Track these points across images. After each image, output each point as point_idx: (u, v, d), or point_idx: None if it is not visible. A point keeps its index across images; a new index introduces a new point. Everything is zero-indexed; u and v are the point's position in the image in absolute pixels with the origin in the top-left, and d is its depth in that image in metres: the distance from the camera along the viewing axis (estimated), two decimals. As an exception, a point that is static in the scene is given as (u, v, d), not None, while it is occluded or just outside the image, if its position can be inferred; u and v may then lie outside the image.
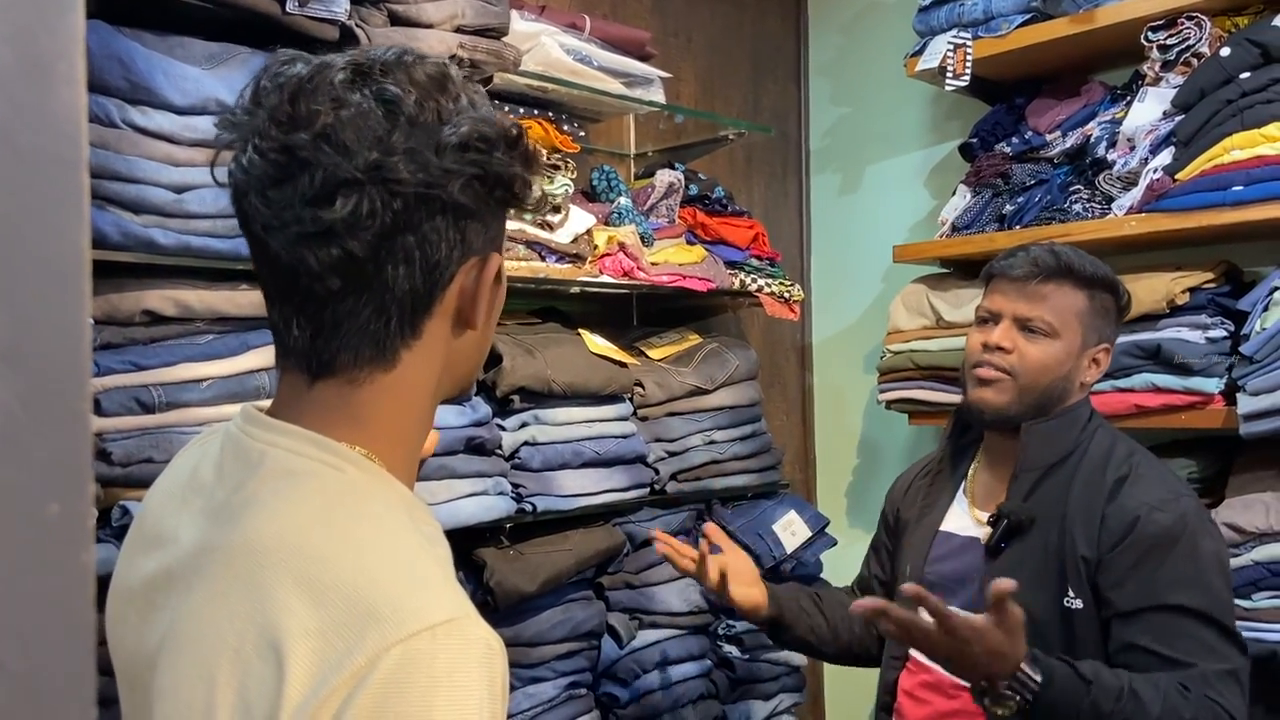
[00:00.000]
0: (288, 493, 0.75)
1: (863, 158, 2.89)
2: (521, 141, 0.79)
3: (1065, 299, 1.52)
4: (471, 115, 0.77)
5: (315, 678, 0.66)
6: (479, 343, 0.85)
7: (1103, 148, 2.13)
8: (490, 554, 1.80)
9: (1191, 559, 1.41)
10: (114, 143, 1.37)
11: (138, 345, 1.44)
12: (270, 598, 0.70)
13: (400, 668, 0.66)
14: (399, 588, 0.69)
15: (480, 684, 0.68)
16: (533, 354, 1.89)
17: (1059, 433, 1.53)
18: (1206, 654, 1.38)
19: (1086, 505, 1.46)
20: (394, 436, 0.81)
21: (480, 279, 0.80)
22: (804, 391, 2.98)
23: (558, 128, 2.03)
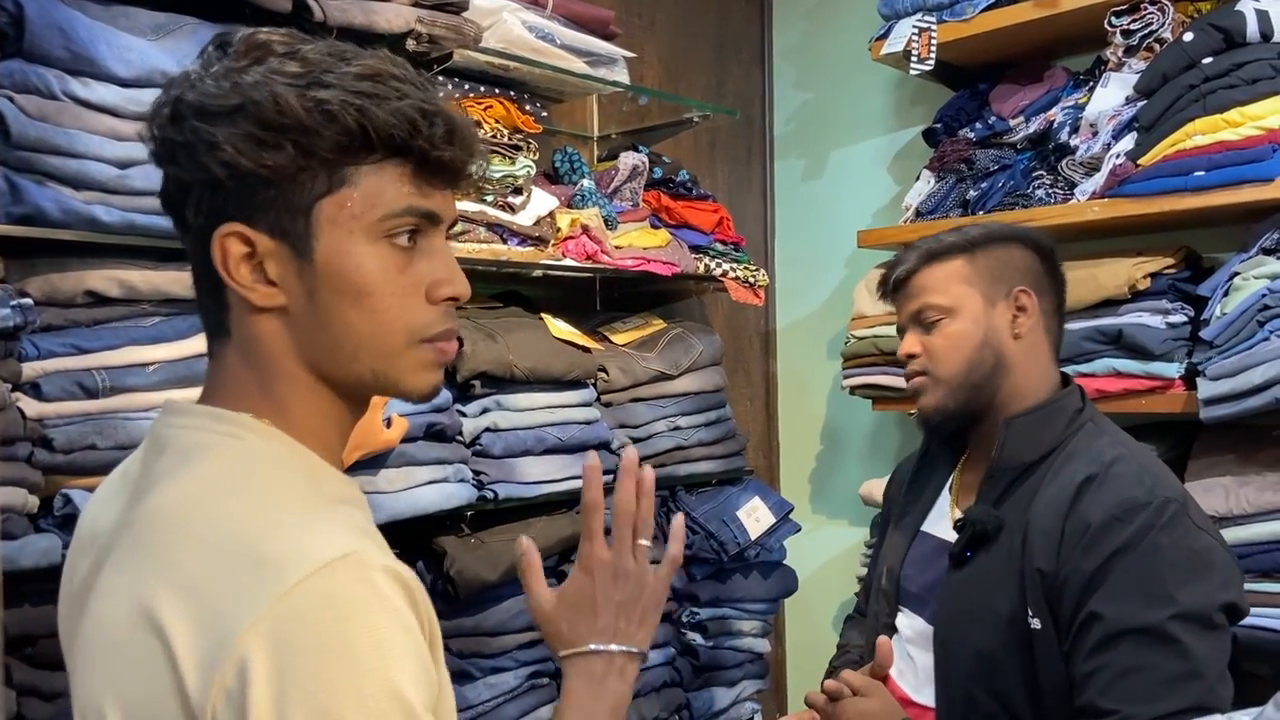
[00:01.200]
0: (188, 465, 0.77)
1: (827, 142, 2.87)
2: (258, 106, 0.74)
3: (940, 276, 1.46)
4: (211, 80, 0.76)
5: (214, 634, 0.67)
6: (328, 326, 0.79)
7: (1065, 133, 2.13)
8: (451, 542, 1.76)
9: (1144, 564, 1.25)
10: (54, 115, 1.31)
11: (80, 327, 1.39)
12: (164, 562, 0.72)
13: (305, 608, 0.67)
14: (290, 535, 0.71)
15: (390, 609, 0.69)
16: (494, 338, 1.85)
17: (1042, 427, 1.40)
18: (1135, 696, 1.21)
19: (1050, 513, 1.32)
20: (276, 403, 0.80)
21: (219, 257, 0.77)
22: (768, 377, 2.96)
23: (519, 107, 1.98)
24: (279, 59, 0.76)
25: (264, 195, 0.76)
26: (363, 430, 1.57)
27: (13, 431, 1.28)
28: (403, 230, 0.79)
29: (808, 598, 2.77)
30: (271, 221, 0.76)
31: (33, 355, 1.33)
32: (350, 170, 0.76)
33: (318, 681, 0.65)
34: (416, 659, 0.70)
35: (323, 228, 0.77)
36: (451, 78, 1.88)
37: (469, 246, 1.85)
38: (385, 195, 0.77)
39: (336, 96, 0.74)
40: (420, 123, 0.76)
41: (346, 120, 0.74)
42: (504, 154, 1.93)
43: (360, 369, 0.80)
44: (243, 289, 0.78)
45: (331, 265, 0.77)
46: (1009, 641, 1.32)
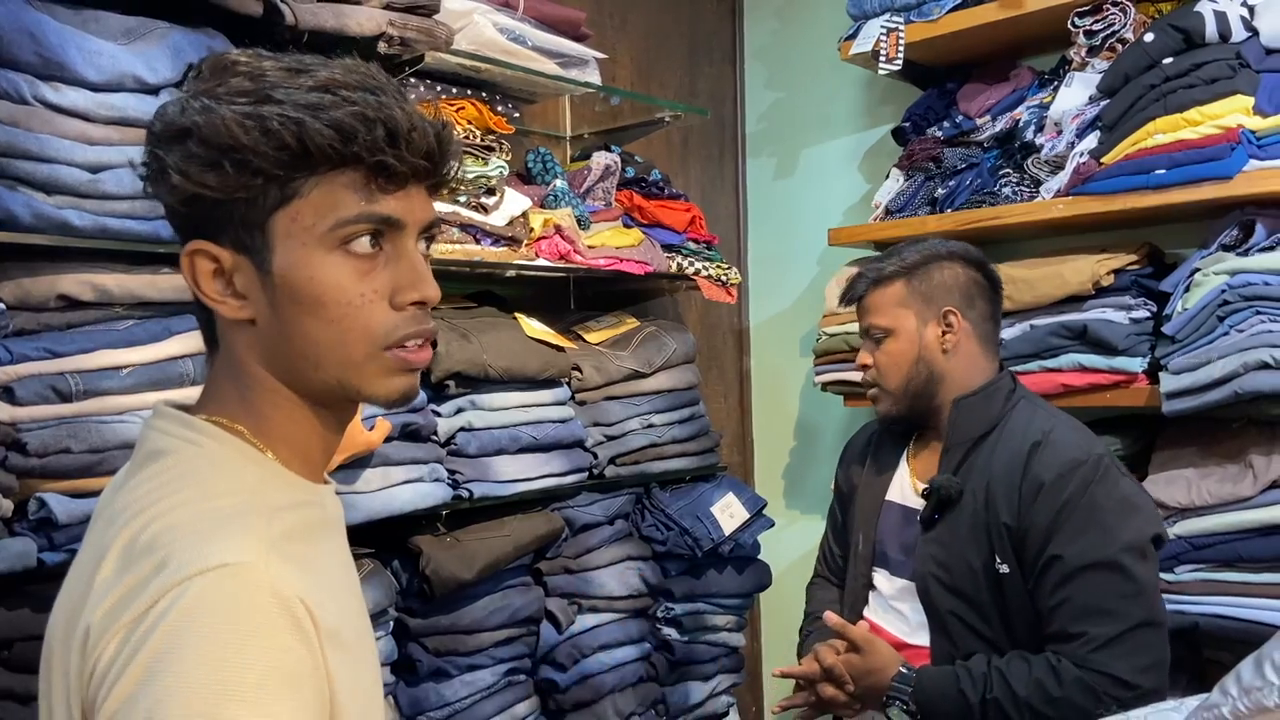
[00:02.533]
0: (148, 469, 0.80)
1: (798, 141, 2.90)
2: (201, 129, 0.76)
3: (883, 298, 1.68)
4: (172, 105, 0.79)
5: (107, 622, 0.71)
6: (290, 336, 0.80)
7: (1031, 132, 2.17)
8: (426, 541, 1.77)
9: (1089, 511, 1.48)
10: (24, 120, 1.31)
11: (53, 331, 1.39)
12: (97, 562, 0.76)
13: (174, 609, 0.69)
14: (194, 539, 0.73)
15: (249, 634, 0.70)
16: (468, 338, 1.86)
17: (983, 406, 1.62)
18: (1099, 619, 1.43)
19: (1006, 474, 1.54)
20: (252, 413, 0.83)
21: (187, 274, 0.81)
22: (741, 374, 2.99)
23: (491, 108, 1.99)
24: (239, 78, 0.77)
25: (220, 213, 0.78)
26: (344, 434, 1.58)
27: (-14, 436, 1.28)
28: (358, 237, 0.79)
29: (782, 592, 2.79)
30: (233, 237, 0.79)
31: (5, 359, 1.33)
32: (299, 183, 0.77)
33: (175, 674, 0.67)
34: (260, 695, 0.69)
35: (278, 240, 0.78)
36: (424, 79, 1.89)
37: (442, 247, 1.86)
38: (336, 204, 0.78)
39: (277, 112, 0.75)
40: (359, 129, 0.76)
41: (284, 136, 0.75)
42: (476, 155, 1.94)
43: (325, 377, 0.81)
44: (213, 303, 0.81)
45: (287, 277, 0.78)
46: (982, 586, 1.54)
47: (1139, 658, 1.42)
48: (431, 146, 0.81)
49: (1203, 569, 1.87)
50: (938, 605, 1.59)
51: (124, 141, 1.41)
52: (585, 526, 2.04)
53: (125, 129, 1.41)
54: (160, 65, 1.45)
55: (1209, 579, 1.86)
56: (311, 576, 0.76)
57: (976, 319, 1.66)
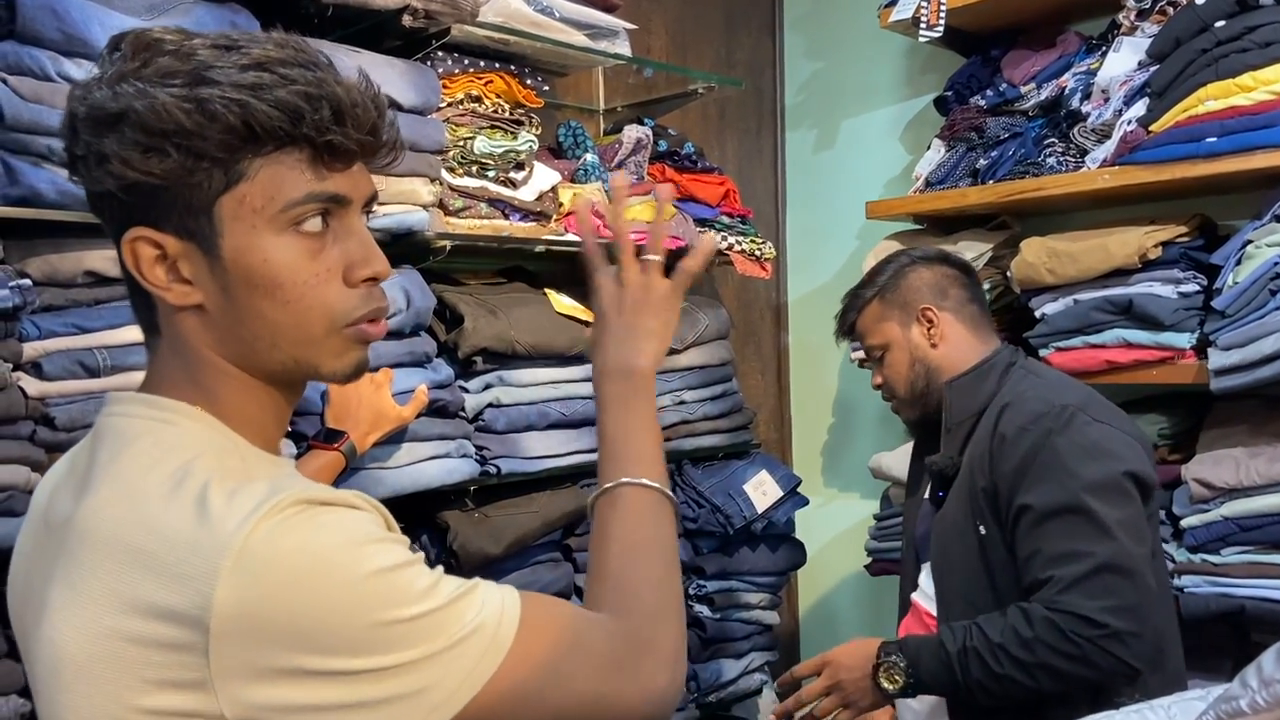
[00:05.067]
0: (123, 453, 0.77)
1: (839, 112, 2.84)
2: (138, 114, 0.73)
3: (868, 320, 1.77)
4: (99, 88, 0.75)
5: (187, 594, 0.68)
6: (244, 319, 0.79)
7: (1077, 99, 2.09)
8: (454, 517, 1.77)
9: (1050, 459, 1.49)
10: (48, 97, 1.32)
11: (81, 307, 1.40)
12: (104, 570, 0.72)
13: (267, 557, 0.69)
14: (222, 505, 0.71)
15: (347, 513, 0.72)
16: (496, 314, 1.85)
17: (976, 385, 1.67)
18: (1063, 561, 1.44)
19: (982, 440, 1.60)
20: (205, 392, 0.81)
21: (130, 262, 0.78)
22: (779, 350, 2.95)
23: (520, 82, 1.97)
24: (166, 58, 0.75)
25: (163, 199, 0.75)
26: (374, 412, 1.58)
27: (15, 410, 1.30)
28: (308, 217, 0.78)
29: (820, 569, 2.77)
30: (177, 223, 0.76)
31: (34, 335, 1.35)
32: (244, 165, 0.76)
33: (306, 604, 0.68)
34: (383, 535, 0.74)
35: (226, 224, 0.76)
36: (451, 53, 1.87)
37: (470, 223, 1.85)
38: (283, 185, 0.77)
39: (217, 94, 0.73)
40: (304, 108, 0.75)
41: (228, 118, 0.73)
42: (505, 129, 1.92)
43: (281, 357, 0.81)
44: (158, 290, 0.78)
45: (239, 261, 0.77)
46: (970, 551, 1.59)
47: (1106, 598, 1.40)
48: (374, 121, 0.79)
49: (1250, 551, 1.81)
50: (939, 578, 1.65)
51: (147, 118, 1.41)
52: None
53: (149, 105, 1.41)
54: (184, 41, 1.45)
55: (1257, 561, 1.80)
56: None
57: (954, 306, 1.72)
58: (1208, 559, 1.83)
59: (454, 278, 1.97)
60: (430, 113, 1.77)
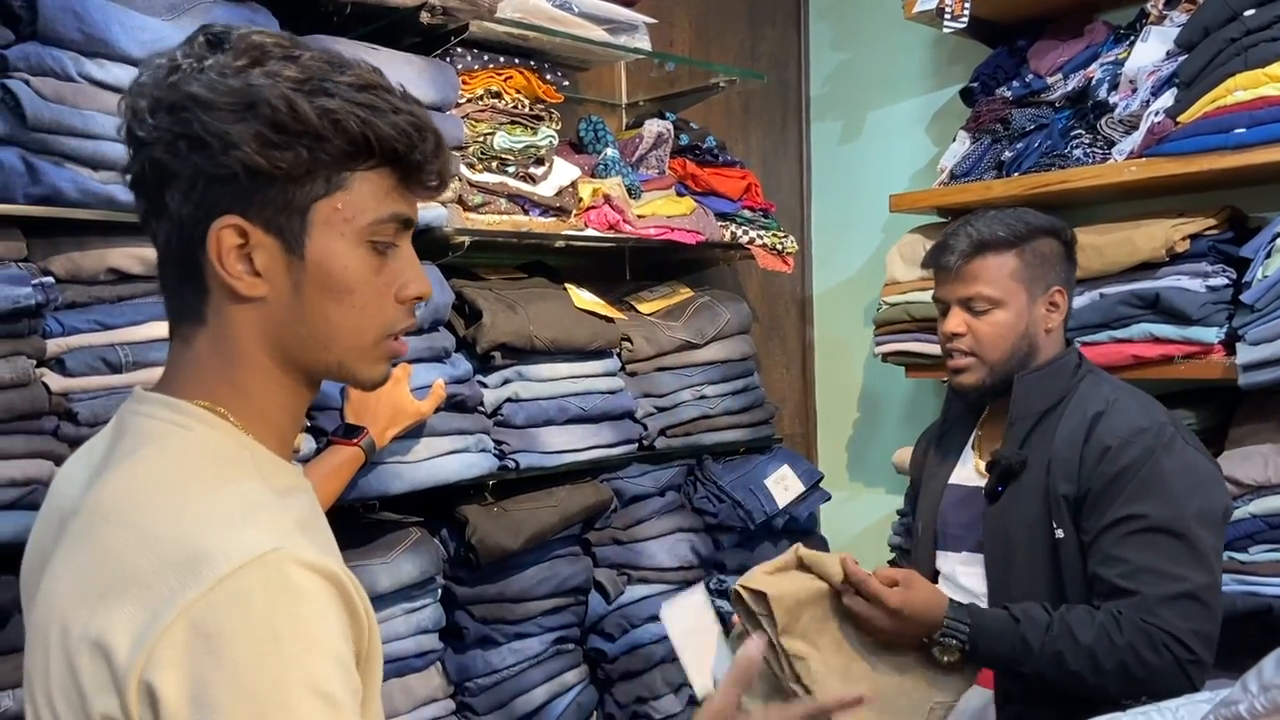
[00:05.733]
0: (138, 454, 0.80)
1: (865, 104, 2.82)
2: (269, 108, 0.76)
3: (993, 268, 1.58)
4: (215, 75, 0.77)
5: (144, 620, 0.70)
6: (308, 318, 0.82)
7: (1104, 90, 2.06)
8: (473, 511, 1.78)
9: (1155, 477, 1.45)
10: (70, 97, 1.34)
11: (104, 304, 1.42)
12: (110, 552, 0.74)
13: (237, 599, 0.69)
14: (226, 528, 0.73)
15: (316, 603, 0.72)
16: (514, 309, 1.86)
17: (1048, 381, 1.59)
18: (1156, 578, 1.41)
19: (1068, 445, 1.52)
20: (237, 391, 0.83)
21: (214, 248, 0.79)
22: (804, 345, 2.93)
23: (540, 77, 1.97)
24: (278, 62, 0.78)
25: (266, 193, 0.78)
26: (392, 407, 1.59)
27: (38, 406, 1.33)
28: (385, 234, 0.83)
29: (844, 565, 2.75)
30: (268, 217, 0.79)
31: (57, 331, 1.37)
32: (347, 176, 0.80)
33: (246, 671, 0.68)
34: (339, 652, 0.72)
35: (316, 227, 0.80)
36: (470, 49, 1.88)
37: (489, 218, 1.85)
38: (374, 202, 0.81)
39: (341, 106, 0.78)
40: (415, 136, 0.81)
41: (352, 129, 0.78)
42: (525, 125, 1.93)
43: (329, 359, 0.84)
44: (231, 279, 0.80)
45: (321, 264, 0.81)
46: (1040, 553, 1.53)
47: (1194, 622, 1.40)
48: (448, 159, 0.86)
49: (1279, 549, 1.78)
50: (998, 575, 1.58)
51: (167, 117, 1.43)
52: (635, 498, 2.04)
53: (169, 104, 1.43)
54: (204, 40, 1.47)
55: (1286, 560, 1.77)
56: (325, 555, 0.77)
57: (1070, 295, 1.63)
58: (1235, 557, 1.80)
59: (474, 273, 1.98)
60: (449, 109, 1.78)
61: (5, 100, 1.30)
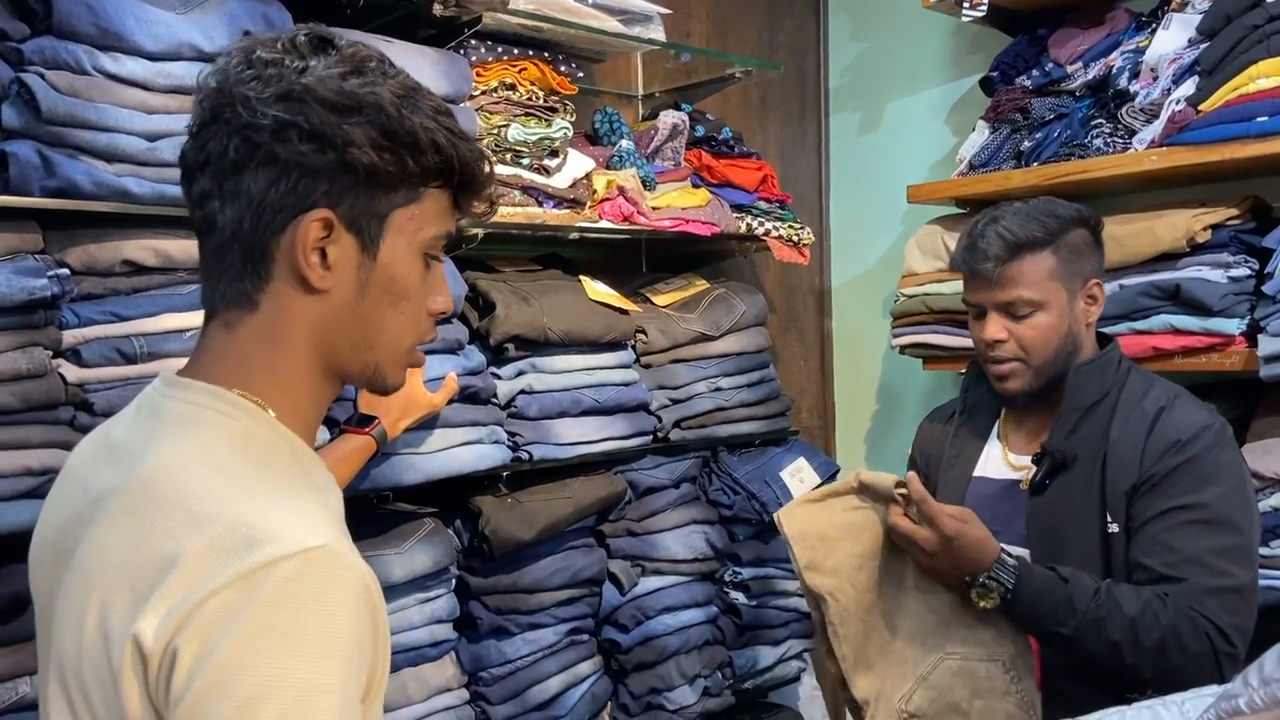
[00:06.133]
0: (181, 437, 0.81)
1: (884, 95, 2.80)
2: (382, 114, 0.81)
3: (1032, 269, 1.53)
4: (327, 74, 0.80)
5: (185, 591, 0.71)
6: (364, 317, 0.85)
7: (1125, 79, 2.03)
8: (487, 502, 1.79)
9: (1216, 469, 1.44)
10: (84, 90, 1.36)
11: (119, 296, 1.44)
12: (156, 529, 0.76)
13: (273, 585, 0.71)
14: (278, 517, 0.75)
15: (348, 607, 0.73)
16: (528, 301, 1.86)
17: (1099, 373, 1.56)
18: (1205, 570, 1.40)
19: (1129, 439, 1.49)
20: (277, 382, 0.85)
21: (302, 237, 0.81)
22: (823, 337, 2.92)
23: (554, 69, 1.97)
24: (376, 75, 0.83)
25: (357, 193, 0.82)
26: (405, 398, 1.60)
27: (54, 396, 1.34)
28: (436, 249, 0.89)
29: (862, 558, 2.74)
30: (353, 216, 0.83)
31: (73, 323, 1.39)
32: (423, 190, 0.86)
33: (251, 656, 0.69)
34: (357, 663, 0.74)
35: (390, 233, 0.85)
36: (484, 41, 1.88)
37: (503, 210, 1.86)
38: (436, 217, 0.87)
39: (435, 126, 0.83)
40: (482, 164, 0.89)
41: (444, 150, 0.84)
42: (540, 116, 1.93)
43: (368, 359, 0.88)
44: (308, 269, 0.83)
45: (390, 267, 0.86)
46: (1093, 548, 1.50)
47: (1238, 617, 1.39)
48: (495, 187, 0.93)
49: (1302, 545, 1.75)
50: (1048, 562, 1.52)
51: (181, 110, 1.44)
52: (650, 490, 2.04)
53: (183, 98, 1.44)
54: (217, 34, 1.48)
55: (1307, 556, 1.75)
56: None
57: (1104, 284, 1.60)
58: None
59: (489, 265, 1.99)
60: (462, 101, 1.78)
61: (20, 94, 1.32)
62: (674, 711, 2.02)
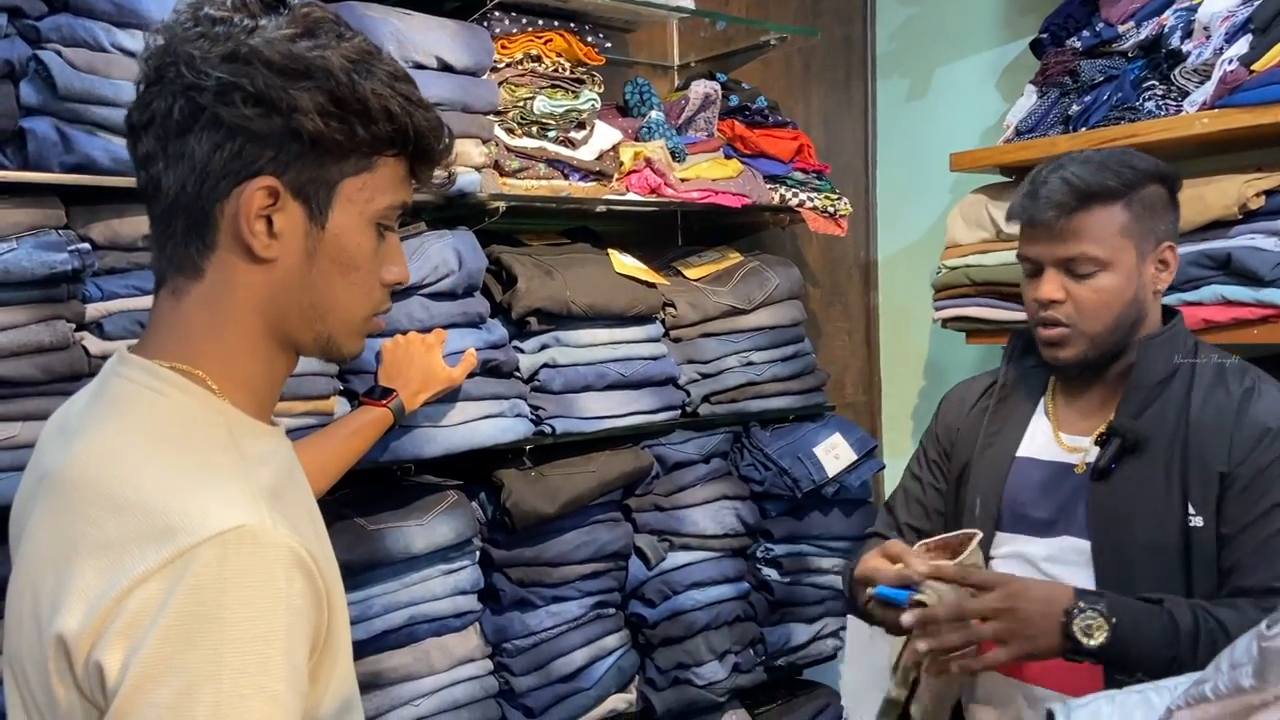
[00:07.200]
0: (108, 418, 0.81)
1: (933, 60, 2.71)
2: (331, 79, 0.78)
3: (1100, 223, 1.36)
4: (276, 35, 0.78)
5: (105, 584, 0.71)
6: (312, 287, 0.84)
7: (1177, 38, 1.94)
8: (509, 475, 1.79)
9: None
10: (102, 67, 1.38)
11: (141, 270, 1.47)
12: (78, 515, 0.75)
13: (191, 573, 0.70)
14: (198, 501, 0.73)
15: (279, 580, 0.72)
16: (551, 275, 1.85)
17: (1168, 348, 1.41)
18: None
19: (1215, 422, 1.35)
20: (223, 352, 0.84)
21: (245, 205, 0.79)
22: (868, 310, 2.86)
23: (581, 39, 1.95)
24: (329, 37, 0.81)
25: (305, 160, 0.80)
26: (424, 372, 1.61)
27: (78, 368, 1.38)
28: (391, 219, 0.87)
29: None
30: (300, 184, 0.81)
31: (96, 296, 1.42)
32: (376, 159, 0.84)
33: (181, 646, 0.68)
34: (300, 630, 0.73)
35: (339, 202, 0.83)
36: (508, 12, 1.87)
37: (527, 183, 1.85)
38: (389, 187, 0.85)
39: (389, 93, 0.81)
40: (440, 133, 0.86)
41: (399, 117, 0.82)
42: (566, 88, 1.91)
43: (320, 329, 0.87)
44: (252, 237, 0.81)
45: (339, 237, 0.84)
46: (1171, 540, 1.34)
47: None
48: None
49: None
50: (1111, 565, 1.39)
51: (198, 86, 1.45)
52: (678, 465, 2.02)
53: (200, 74, 1.46)
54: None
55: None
56: (294, 525, 0.78)
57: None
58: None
59: (516, 239, 1.99)
60: (483, 73, 1.78)
61: (38, 71, 1.34)
62: (703, 686, 2.01)
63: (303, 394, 1.54)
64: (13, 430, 1.33)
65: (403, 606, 1.66)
